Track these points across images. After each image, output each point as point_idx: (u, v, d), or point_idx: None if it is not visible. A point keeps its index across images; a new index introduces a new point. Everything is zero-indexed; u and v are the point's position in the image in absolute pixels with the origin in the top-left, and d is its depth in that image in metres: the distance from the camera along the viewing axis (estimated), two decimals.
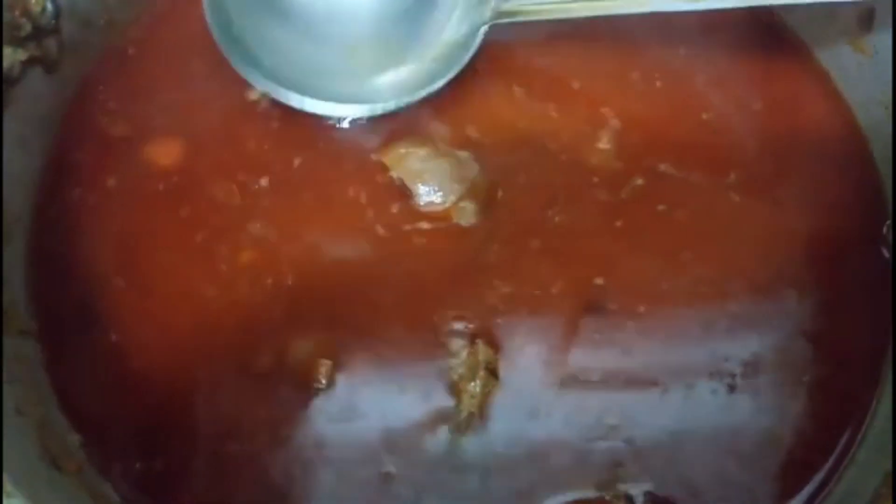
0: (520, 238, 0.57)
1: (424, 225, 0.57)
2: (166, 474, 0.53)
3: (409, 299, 0.55)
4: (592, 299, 0.55)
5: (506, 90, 0.61)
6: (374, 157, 0.59)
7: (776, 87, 0.62)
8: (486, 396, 0.53)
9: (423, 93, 0.60)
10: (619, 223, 0.57)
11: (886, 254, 0.58)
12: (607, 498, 0.51)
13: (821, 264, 0.57)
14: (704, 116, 0.61)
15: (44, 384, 0.54)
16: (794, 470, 0.53)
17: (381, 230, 0.57)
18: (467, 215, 0.57)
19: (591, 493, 0.52)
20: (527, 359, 0.54)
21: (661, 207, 0.58)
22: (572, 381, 0.54)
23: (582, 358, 0.54)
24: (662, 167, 0.59)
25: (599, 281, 0.56)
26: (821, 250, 0.57)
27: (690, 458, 0.53)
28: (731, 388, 0.54)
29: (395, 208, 0.58)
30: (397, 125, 0.60)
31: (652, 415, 0.53)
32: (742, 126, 0.61)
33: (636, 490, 0.52)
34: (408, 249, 0.57)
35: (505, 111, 0.61)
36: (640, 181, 0.58)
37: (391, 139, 0.59)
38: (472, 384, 0.53)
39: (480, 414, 0.53)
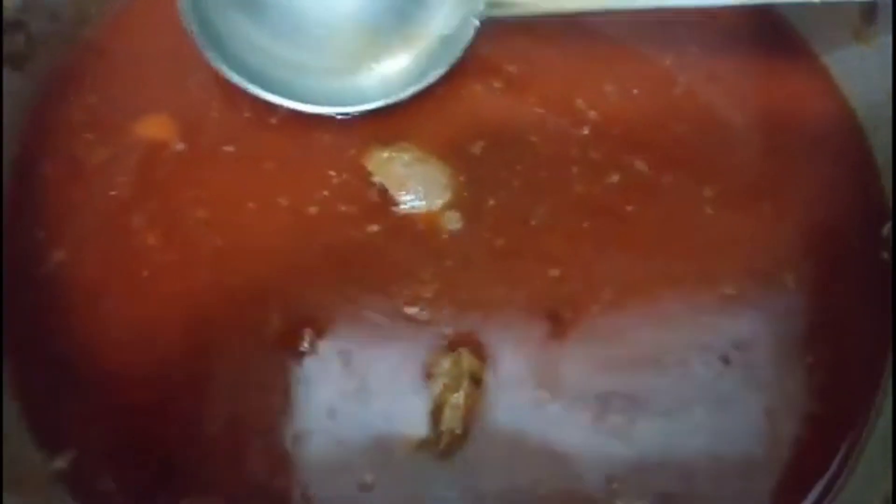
0: (499, 240, 0.55)
1: (406, 229, 0.55)
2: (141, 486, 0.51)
3: (384, 303, 0.53)
4: (563, 298, 0.54)
5: (486, 87, 0.59)
6: (356, 157, 0.57)
7: (773, 81, 0.60)
8: (469, 409, 0.51)
9: (411, 90, 0.58)
10: (595, 220, 0.56)
11: (886, 255, 0.56)
12: None
13: (818, 266, 0.55)
14: (690, 110, 0.59)
15: (7, 401, 0.52)
16: (798, 465, 0.52)
17: (357, 230, 0.55)
18: (452, 222, 0.56)
19: None
20: (509, 366, 0.52)
21: (632, 208, 0.56)
22: (556, 384, 0.52)
23: (565, 360, 0.53)
24: (638, 164, 0.57)
25: (565, 279, 0.54)
26: (818, 250, 0.56)
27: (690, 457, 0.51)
28: (725, 363, 0.53)
29: (375, 212, 0.56)
30: (382, 123, 0.57)
31: (642, 415, 0.52)
32: (735, 122, 0.59)
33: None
34: (389, 253, 0.55)
35: (487, 108, 0.59)
36: (616, 177, 0.57)
37: (374, 140, 0.57)
38: (456, 395, 0.51)
39: (464, 427, 0.51)
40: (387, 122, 0.57)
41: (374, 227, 0.55)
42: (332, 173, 0.56)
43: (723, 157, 0.58)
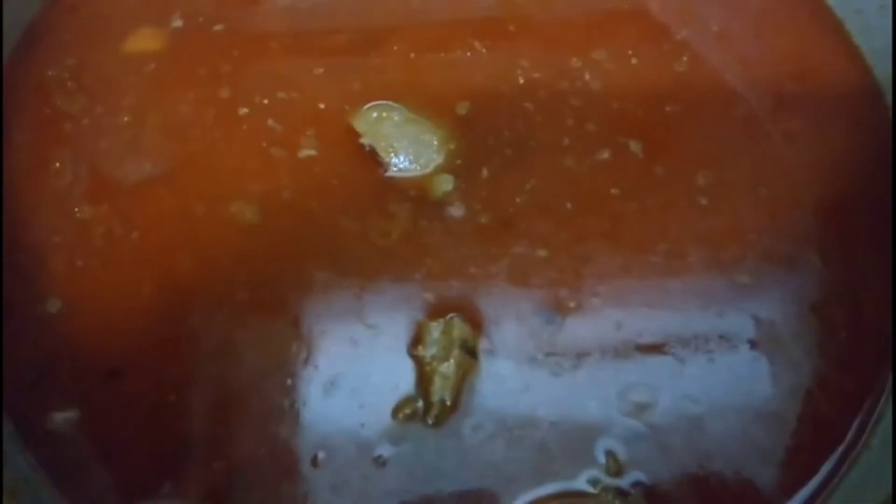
0: (492, 213, 0.52)
1: (397, 194, 0.52)
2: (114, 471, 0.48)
3: (373, 269, 0.50)
4: (557, 281, 0.51)
5: (476, 46, 0.56)
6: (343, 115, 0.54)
7: (782, 39, 0.57)
8: (461, 379, 0.48)
9: None
10: (579, 201, 0.52)
11: None
12: (594, 491, 0.46)
13: (841, 237, 0.52)
14: (690, 90, 0.56)
15: None
16: (806, 451, 0.49)
17: (348, 194, 0.52)
18: (444, 186, 0.53)
19: (575, 486, 0.47)
20: (505, 337, 0.49)
21: (616, 191, 0.53)
22: (554, 360, 0.49)
23: (559, 337, 0.50)
24: (633, 145, 0.54)
25: (554, 262, 0.51)
26: (831, 219, 0.53)
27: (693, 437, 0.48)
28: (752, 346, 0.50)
29: (364, 175, 0.53)
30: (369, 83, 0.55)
31: (631, 399, 0.49)
32: (740, 97, 0.56)
33: (625, 482, 0.47)
34: (379, 217, 0.52)
35: (474, 71, 0.56)
36: (606, 154, 0.54)
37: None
38: (446, 365, 0.48)
39: (454, 400, 0.48)
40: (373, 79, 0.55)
41: (362, 189, 0.52)
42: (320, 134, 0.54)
43: (718, 141, 0.54)
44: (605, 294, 0.50)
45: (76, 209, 0.52)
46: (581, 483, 0.47)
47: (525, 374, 0.49)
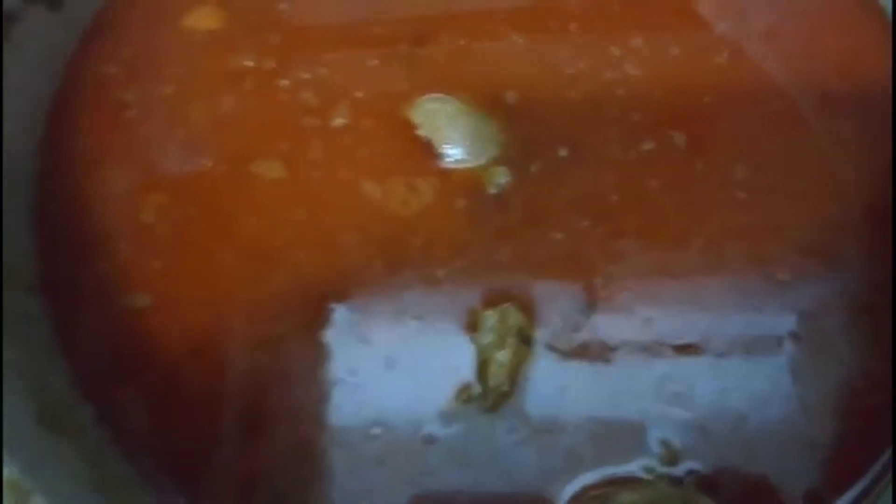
0: (539, 201, 0.53)
1: (450, 185, 0.54)
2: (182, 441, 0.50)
3: (428, 259, 0.52)
4: (595, 274, 0.52)
5: (514, 37, 0.58)
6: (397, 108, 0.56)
7: (831, 37, 0.58)
8: (516, 367, 0.50)
9: None
10: (623, 193, 0.53)
11: None
12: (648, 477, 0.48)
13: (876, 233, 0.53)
14: (730, 82, 0.56)
15: (49, 344, 0.51)
16: (854, 447, 0.49)
17: (402, 186, 0.54)
18: (497, 178, 0.54)
19: (630, 471, 0.49)
20: (549, 328, 0.51)
21: (656, 184, 0.54)
22: (596, 352, 0.51)
23: (609, 328, 0.51)
24: (677, 138, 0.54)
25: (593, 256, 0.52)
26: (878, 217, 0.53)
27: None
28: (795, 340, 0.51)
29: (419, 166, 0.54)
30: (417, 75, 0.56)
31: (685, 386, 0.50)
32: (785, 81, 0.56)
33: (679, 470, 0.48)
34: (429, 209, 0.53)
35: (520, 61, 0.57)
36: (651, 145, 0.54)
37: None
38: (501, 353, 0.50)
39: (510, 386, 0.50)
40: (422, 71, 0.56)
41: (419, 179, 0.54)
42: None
43: (757, 136, 0.55)
44: (640, 290, 0.51)
45: (140, 213, 0.53)
46: (636, 470, 0.48)
47: (570, 366, 0.50)
